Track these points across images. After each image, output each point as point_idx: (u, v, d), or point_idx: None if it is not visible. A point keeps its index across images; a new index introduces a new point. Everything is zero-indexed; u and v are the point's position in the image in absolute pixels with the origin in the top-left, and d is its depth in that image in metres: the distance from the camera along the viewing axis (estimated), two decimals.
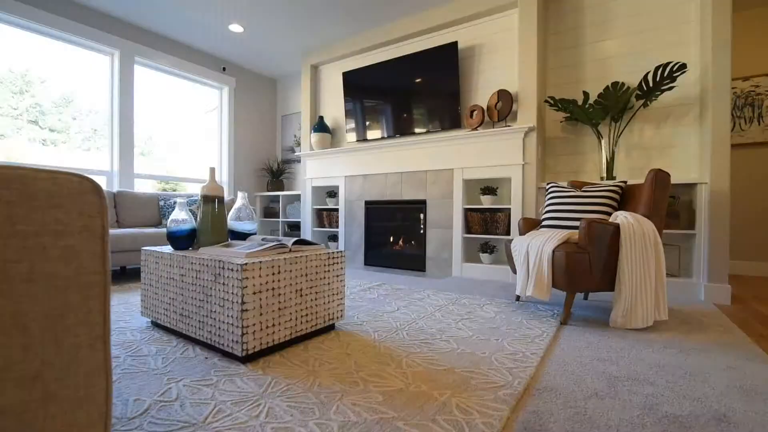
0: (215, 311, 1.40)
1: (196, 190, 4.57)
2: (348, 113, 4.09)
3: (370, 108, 3.93)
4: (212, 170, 1.73)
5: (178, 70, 4.29)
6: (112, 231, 2.81)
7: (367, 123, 3.96)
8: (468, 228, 3.39)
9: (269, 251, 1.52)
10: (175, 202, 3.71)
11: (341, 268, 1.73)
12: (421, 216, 3.60)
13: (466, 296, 2.46)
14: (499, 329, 1.76)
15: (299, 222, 4.80)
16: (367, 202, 3.95)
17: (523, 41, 3.08)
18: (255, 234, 1.89)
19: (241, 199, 1.88)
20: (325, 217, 4.37)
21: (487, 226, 3.26)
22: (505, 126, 3.12)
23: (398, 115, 3.73)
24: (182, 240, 1.68)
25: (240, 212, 1.86)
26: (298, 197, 4.94)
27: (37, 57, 3.35)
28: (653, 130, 2.90)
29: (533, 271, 1.95)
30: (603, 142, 2.92)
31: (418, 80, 3.57)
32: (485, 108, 3.29)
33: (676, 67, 2.57)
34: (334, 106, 4.41)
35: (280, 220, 4.87)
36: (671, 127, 2.84)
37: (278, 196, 5.03)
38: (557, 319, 1.96)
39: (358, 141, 4.06)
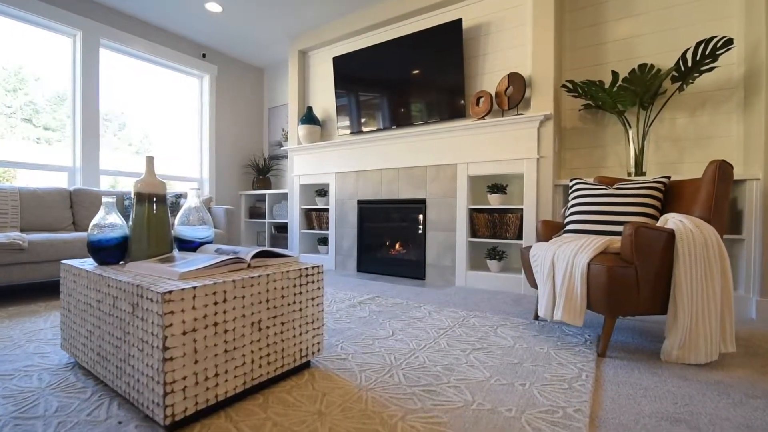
0: (134, 356, 1.00)
1: (178, 188, 4.15)
2: (339, 103, 3.69)
3: (364, 97, 3.52)
4: (150, 160, 1.33)
5: (152, 55, 3.87)
6: (60, 235, 2.40)
7: (361, 114, 3.56)
8: (473, 231, 2.99)
9: (217, 268, 1.12)
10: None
11: (318, 288, 1.33)
12: (421, 217, 3.20)
13: (474, 314, 2.06)
14: (523, 366, 1.37)
15: (287, 223, 4.40)
16: (360, 202, 3.55)
17: (538, 18, 2.68)
18: (210, 242, 1.49)
19: (193, 198, 1.48)
20: (315, 218, 3.97)
21: (495, 228, 2.86)
22: (517, 114, 2.73)
23: (395, 104, 3.33)
24: (108, 252, 1.28)
25: (190, 215, 1.45)
26: (285, 196, 4.53)
27: (32, 53, 3.15)
28: (687, 119, 2.51)
29: (562, 289, 1.55)
30: (631, 132, 2.53)
31: (417, 64, 3.16)
32: (493, 94, 2.89)
33: (721, 42, 2.18)
34: (324, 97, 4.01)
35: (266, 221, 4.46)
36: (708, 115, 2.46)
37: (264, 195, 4.62)
38: (591, 347, 1.57)
39: (350, 134, 3.66)
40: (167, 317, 0.90)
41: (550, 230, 2.04)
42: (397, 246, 3.43)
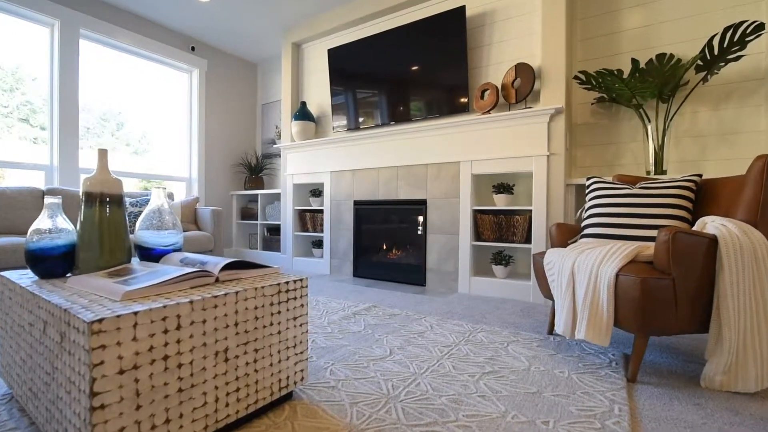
0: (62, 399, 0.79)
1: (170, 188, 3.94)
2: (334, 98, 3.48)
3: (361, 91, 3.32)
4: (102, 153, 1.12)
5: (137, 47, 3.65)
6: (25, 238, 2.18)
7: (357, 109, 3.35)
8: (478, 234, 2.79)
9: (176, 284, 0.92)
10: (137, 202, 3.08)
11: (302, 305, 1.13)
12: (421, 219, 3.00)
13: (480, 327, 1.86)
14: (543, 396, 1.17)
15: (280, 225, 4.20)
16: (356, 203, 3.35)
17: (547, 5, 2.48)
18: (179, 250, 1.29)
19: (158, 199, 1.27)
20: (309, 219, 3.76)
21: (501, 231, 2.66)
22: (525, 108, 2.53)
23: (394, 99, 3.13)
24: (51, 263, 1.07)
25: (154, 218, 1.25)
26: (278, 196, 4.33)
27: (27, 52, 3.05)
28: (710, 113, 2.32)
29: (585, 304, 1.35)
30: (650, 127, 2.33)
31: (417, 55, 2.96)
32: (499, 87, 2.69)
33: (751, 28, 1.98)
34: (319, 91, 3.80)
35: (259, 222, 4.26)
36: (734, 109, 2.26)
37: (257, 195, 4.41)
38: (618, 370, 1.37)
39: (346, 130, 3.46)
40: (96, 353, 0.69)
41: (565, 234, 1.84)
42: (395, 249, 3.23)
